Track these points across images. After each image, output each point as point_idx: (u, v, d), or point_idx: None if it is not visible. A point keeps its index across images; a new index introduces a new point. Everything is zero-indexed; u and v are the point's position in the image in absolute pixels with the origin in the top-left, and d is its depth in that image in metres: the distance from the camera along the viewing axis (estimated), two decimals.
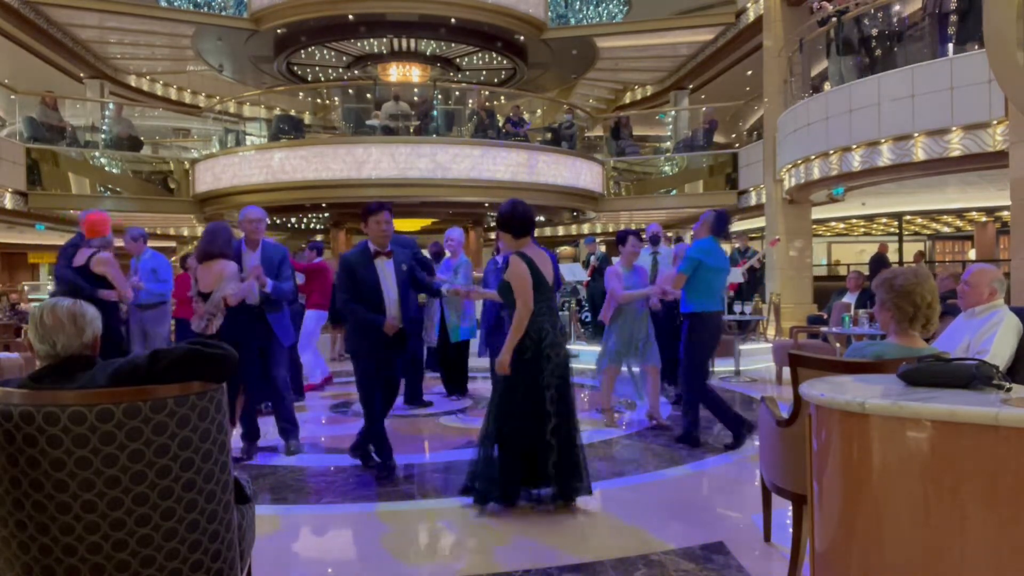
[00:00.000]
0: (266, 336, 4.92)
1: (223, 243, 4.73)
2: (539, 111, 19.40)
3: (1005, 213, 13.46)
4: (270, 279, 4.82)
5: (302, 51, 15.83)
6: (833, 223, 19.91)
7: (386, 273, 4.45)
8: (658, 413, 5.94)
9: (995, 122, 7.69)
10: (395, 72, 16.67)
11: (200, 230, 17.84)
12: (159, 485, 1.91)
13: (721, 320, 5.32)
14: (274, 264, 4.93)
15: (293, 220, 15.92)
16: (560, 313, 11.30)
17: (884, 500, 1.82)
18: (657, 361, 5.86)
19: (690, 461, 4.80)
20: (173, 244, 19.31)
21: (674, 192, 15.60)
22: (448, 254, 7.06)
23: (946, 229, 20.68)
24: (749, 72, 15.36)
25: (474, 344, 7.23)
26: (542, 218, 17.03)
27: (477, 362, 7.29)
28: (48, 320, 2.06)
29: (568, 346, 3.99)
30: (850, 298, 8.70)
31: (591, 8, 16.80)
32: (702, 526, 3.58)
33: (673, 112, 17.22)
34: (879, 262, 11.98)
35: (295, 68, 16.81)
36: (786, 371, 5.99)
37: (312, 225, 16.51)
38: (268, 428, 5.25)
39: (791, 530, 2.92)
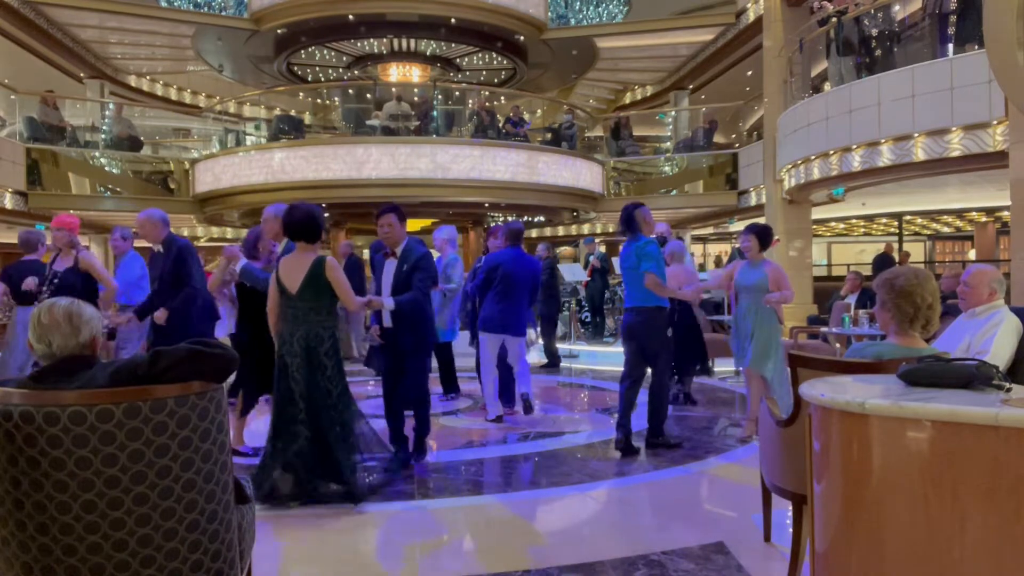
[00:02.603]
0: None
1: (248, 247, 4.93)
2: (539, 111, 19.40)
3: (1005, 213, 13.46)
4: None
5: (302, 51, 15.83)
6: (833, 223, 19.92)
7: (387, 272, 4.61)
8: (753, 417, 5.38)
9: (995, 122, 7.69)
10: (395, 72, 16.66)
11: (200, 230, 17.89)
12: (159, 485, 1.91)
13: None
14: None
15: None
16: (561, 313, 11.36)
17: (884, 500, 1.82)
18: (757, 366, 5.29)
19: (690, 461, 4.80)
20: None
21: (674, 192, 15.60)
22: (437, 253, 7.12)
23: (946, 229, 20.69)
24: (749, 72, 15.36)
25: (464, 345, 7.28)
26: (541, 218, 17.04)
27: (466, 362, 7.30)
28: (45, 320, 2.06)
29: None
30: (850, 298, 8.70)
31: (591, 8, 16.78)
32: (702, 526, 3.58)
33: (673, 112, 17.21)
34: (884, 262, 11.95)
35: (295, 68, 16.81)
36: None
37: None
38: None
39: (791, 530, 2.92)
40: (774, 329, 5.37)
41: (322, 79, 17.69)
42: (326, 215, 14.89)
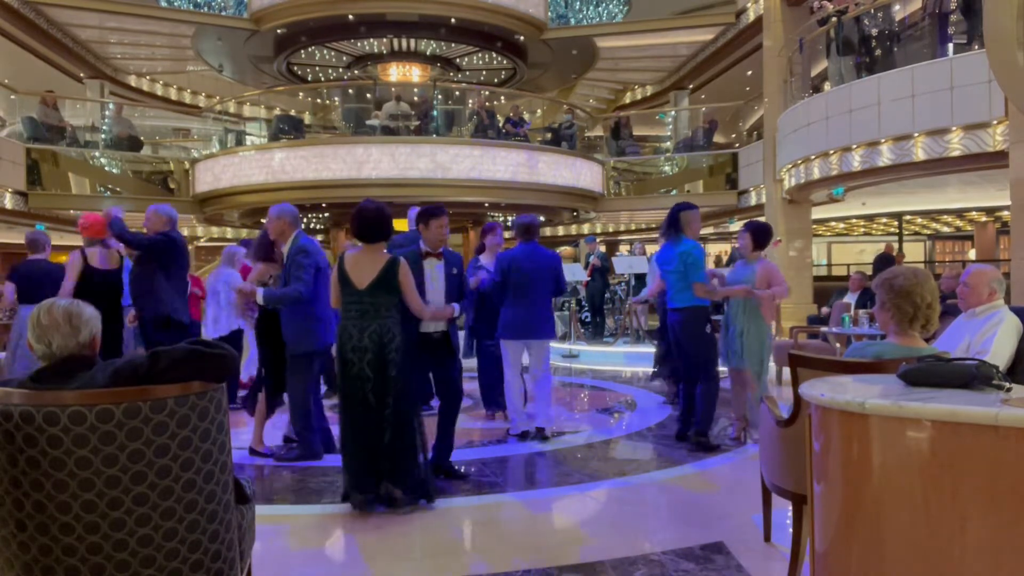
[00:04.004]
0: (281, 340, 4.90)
1: (255, 248, 5.02)
2: (539, 111, 19.40)
3: (1005, 213, 13.46)
4: (261, 288, 4.71)
5: (302, 51, 15.83)
6: (833, 223, 19.92)
7: (435, 275, 4.40)
8: (746, 423, 5.27)
9: (995, 122, 7.69)
10: (395, 72, 16.66)
11: (200, 230, 17.90)
12: (159, 485, 1.91)
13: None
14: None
15: None
16: (559, 313, 11.38)
17: (884, 500, 1.82)
18: (743, 363, 5.17)
19: (690, 461, 4.79)
20: None
21: (674, 192, 15.59)
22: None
23: (946, 229, 20.69)
24: (749, 72, 15.36)
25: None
26: (541, 218, 17.02)
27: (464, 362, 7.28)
28: (44, 320, 2.06)
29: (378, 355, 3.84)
30: (850, 298, 8.70)
31: (591, 8, 16.79)
32: (702, 526, 3.58)
33: (673, 112, 17.22)
34: (884, 262, 11.94)
35: (295, 68, 16.81)
36: (786, 371, 5.98)
37: (312, 225, 16.53)
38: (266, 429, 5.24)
39: (791, 530, 2.92)
40: (764, 328, 5.25)
41: (322, 79, 17.69)
42: (326, 215, 14.92)
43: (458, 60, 16.75)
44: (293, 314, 4.66)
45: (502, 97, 16.91)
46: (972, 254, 20.05)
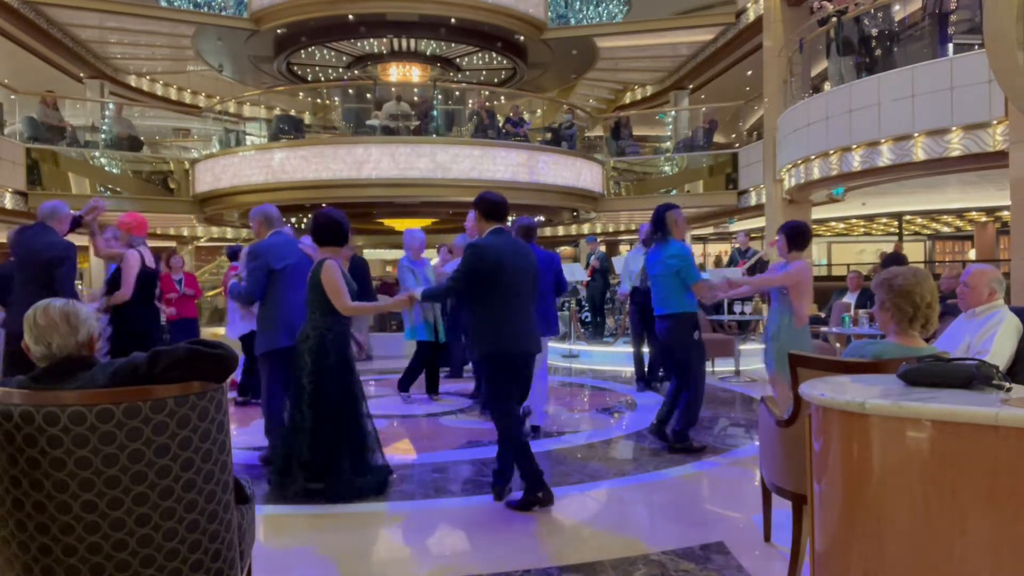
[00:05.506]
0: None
1: None
2: (539, 111, 19.39)
3: (1005, 213, 13.46)
4: (233, 281, 4.94)
5: (302, 51, 15.83)
6: (833, 223, 19.93)
7: None
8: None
9: (995, 122, 7.69)
10: (395, 72, 16.66)
11: (200, 230, 17.87)
12: (159, 485, 1.91)
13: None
14: None
15: (293, 220, 15.93)
16: (560, 313, 11.38)
17: (884, 500, 1.82)
18: (771, 369, 4.92)
19: (690, 461, 4.79)
20: (173, 244, 19.28)
21: (674, 192, 15.59)
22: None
23: (946, 229, 20.70)
24: (749, 72, 15.35)
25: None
26: (541, 218, 17.03)
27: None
28: (41, 321, 2.06)
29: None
30: (850, 298, 8.70)
31: (591, 8, 16.79)
32: (702, 526, 3.58)
33: (673, 112, 17.21)
34: (894, 261, 11.90)
35: (295, 68, 16.81)
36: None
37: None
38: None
39: (791, 530, 2.92)
40: (795, 333, 4.91)
41: (322, 79, 17.69)
42: None
43: (458, 60, 16.75)
44: (258, 316, 4.75)
45: (502, 97, 16.90)
46: (972, 254, 20.06)
